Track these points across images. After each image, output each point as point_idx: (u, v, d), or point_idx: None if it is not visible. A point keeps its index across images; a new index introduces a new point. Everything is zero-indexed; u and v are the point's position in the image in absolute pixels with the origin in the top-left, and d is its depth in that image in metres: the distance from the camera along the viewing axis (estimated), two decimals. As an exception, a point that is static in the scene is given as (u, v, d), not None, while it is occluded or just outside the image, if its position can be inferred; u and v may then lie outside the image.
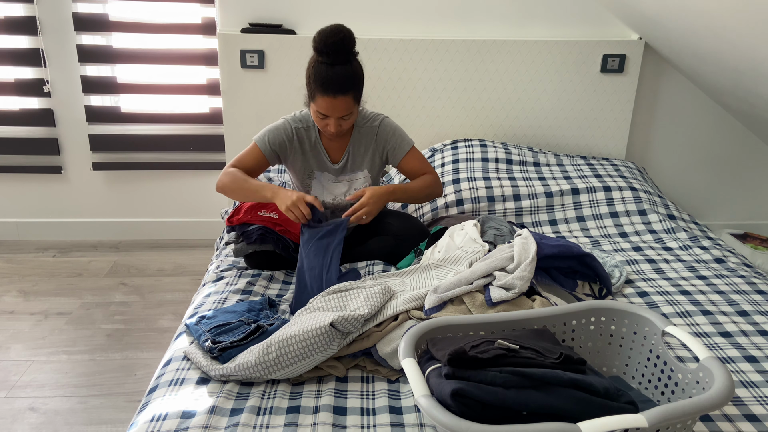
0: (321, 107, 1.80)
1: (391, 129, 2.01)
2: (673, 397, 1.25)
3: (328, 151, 2.01)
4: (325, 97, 1.77)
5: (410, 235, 1.99)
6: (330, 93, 1.76)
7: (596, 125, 2.94)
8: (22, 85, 2.89)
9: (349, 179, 2.04)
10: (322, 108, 1.80)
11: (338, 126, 1.85)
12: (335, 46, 1.74)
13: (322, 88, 1.76)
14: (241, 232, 1.95)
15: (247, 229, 1.94)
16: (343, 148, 2.01)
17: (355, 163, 2.02)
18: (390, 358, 1.39)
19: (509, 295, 1.45)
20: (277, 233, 1.92)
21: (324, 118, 1.84)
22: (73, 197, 3.13)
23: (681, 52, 2.56)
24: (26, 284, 2.71)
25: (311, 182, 2.03)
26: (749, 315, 1.69)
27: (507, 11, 2.82)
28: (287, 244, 1.93)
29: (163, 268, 2.89)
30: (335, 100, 1.77)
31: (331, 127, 1.85)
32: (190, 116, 2.97)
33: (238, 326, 1.49)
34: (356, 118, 1.93)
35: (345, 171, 2.03)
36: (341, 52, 1.76)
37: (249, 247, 1.93)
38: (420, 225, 2.06)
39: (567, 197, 2.45)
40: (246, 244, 1.93)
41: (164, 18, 2.82)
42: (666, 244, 2.22)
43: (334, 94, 1.76)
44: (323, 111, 1.81)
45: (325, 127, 1.87)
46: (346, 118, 1.84)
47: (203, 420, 1.22)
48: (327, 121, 1.84)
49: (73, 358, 2.19)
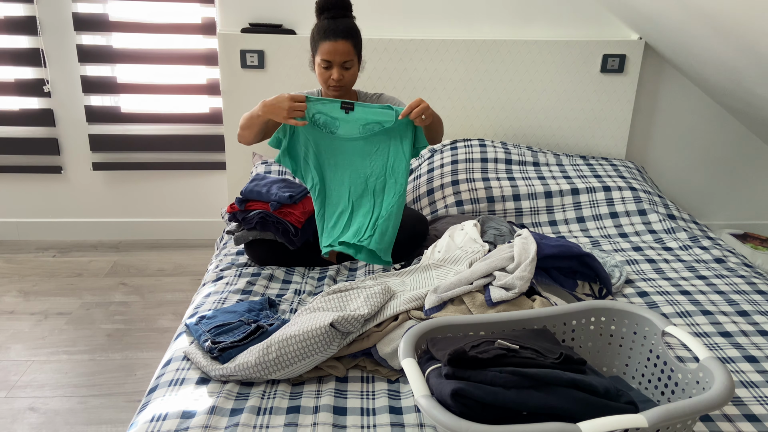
0: (324, 53, 1.91)
1: (391, 97, 2.13)
2: (673, 397, 1.25)
3: None
4: (327, 41, 1.89)
5: (407, 222, 2.01)
6: (332, 37, 1.89)
7: (596, 125, 2.94)
8: (22, 85, 2.89)
9: None
10: (325, 53, 1.90)
11: (340, 76, 1.93)
12: (336, 2, 1.91)
13: (324, 35, 1.90)
14: (241, 218, 1.97)
15: (247, 215, 1.95)
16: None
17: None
18: (390, 358, 1.39)
19: (509, 295, 1.45)
20: (277, 217, 1.93)
21: (327, 68, 1.93)
22: (73, 197, 3.13)
23: (681, 52, 2.56)
24: (26, 284, 2.72)
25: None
26: (749, 315, 1.69)
27: (507, 11, 2.82)
28: (287, 227, 1.93)
29: (163, 268, 2.89)
30: (337, 43, 1.89)
31: (335, 74, 1.93)
32: (190, 116, 2.97)
33: (238, 326, 1.49)
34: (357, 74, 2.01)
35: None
36: (341, 8, 1.92)
37: (249, 233, 1.94)
38: (417, 213, 2.10)
39: (567, 197, 2.45)
40: (246, 231, 1.94)
41: (164, 18, 2.82)
42: (666, 244, 2.22)
43: (335, 38, 1.89)
44: (326, 56, 1.91)
45: (329, 79, 1.95)
46: (347, 66, 1.94)
47: (203, 420, 1.22)
48: (330, 71, 1.93)
49: (73, 358, 2.19)
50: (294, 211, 1.96)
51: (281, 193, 1.97)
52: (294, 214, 1.95)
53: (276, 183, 2.04)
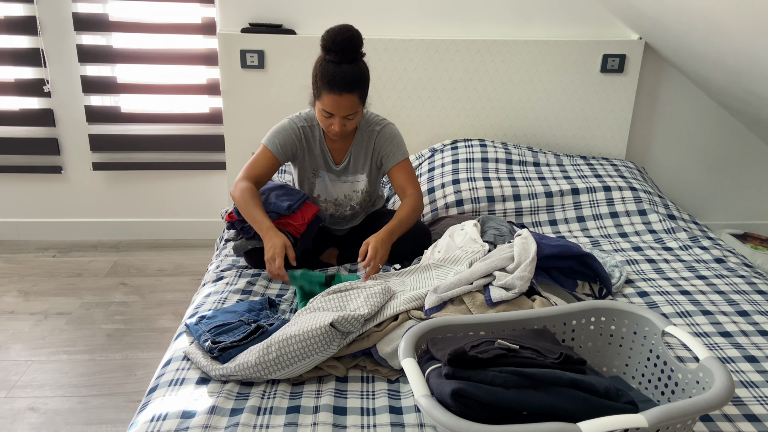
0: (326, 105, 1.80)
1: (390, 136, 2.00)
2: (673, 397, 1.25)
3: (331, 152, 2.01)
4: (331, 94, 1.77)
5: (410, 234, 1.99)
6: (336, 91, 1.76)
7: (596, 125, 2.94)
8: (22, 85, 2.89)
9: (350, 181, 2.04)
10: (328, 106, 1.80)
11: (342, 126, 1.84)
12: (343, 44, 1.75)
13: (328, 86, 1.76)
14: (240, 227, 1.96)
15: (246, 225, 1.94)
16: (346, 150, 2.01)
17: (356, 166, 2.03)
18: (390, 358, 1.39)
19: (509, 295, 1.45)
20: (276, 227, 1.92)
21: (329, 117, 1.83)
22: (73, 197, 3.13)
23: (681, 52, 2.56)
24: (26, 284, 2.72)
25: (316, 181, 2.03)
26: (749, 315, 1.69)
27: (507, 11, 2.82)
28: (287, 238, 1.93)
29: (163, 268, 2.89)
30: (341, 98, 1.77)
31: (336, 126, 1.83)
32: (190, 116, 2.97)
33: (238, 326, 1.49)
34: (360, 120, 1.93)
35: (346, 173, 2.03)
36: (349, 51, 1.76)
37: (248, 243, 1.93)
38: (422, 226, 2.06)
39: (567, 197, 2.45)
40: (245, 240, 1.93)
41: (164, 18, 2.82)
42: (666, 244, 2.22)
43: (340, 91, 1.76)
44: (329, 109, 1.80)
45: (330, 127, 1.85)
46: (350, 117, 1.84)
47: (203, 420, 1.22)
48: (332, 120, 1.83)
49: (73, 358, 2.19)
50: (293, 222, 1.93)
51: (279, 203, 1.93)
52: (292, 225, 1.93)
53: (274, 190, 2.01)
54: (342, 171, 2.02)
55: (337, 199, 2.05)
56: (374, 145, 2.00)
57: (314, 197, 2.06)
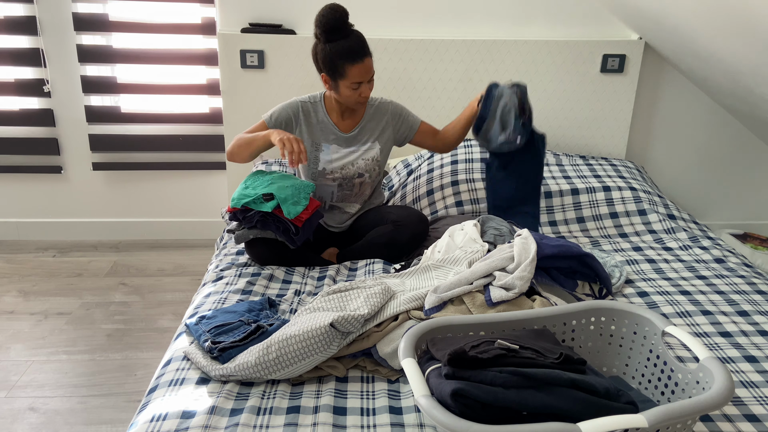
0: (355, 76, 1.93)
1: (401, 107, 2.19)
2: (673, 397, 1.25)
3: (338, 126, 2.11)
4: (355, 64, 1.91)
5: (409, 221, 2.03)
6: (359, 59, 1.91)
7: (596, 125, 2.94)
8: (22, 85, 2.89)
9: (360, 149, 2.11)
10: (357, 76, 1.93)
11: (370, 89, 1.99)
12: (338, 22, 1.90)
13: (350, 59, 1.90)
14: (242, 217, 1.97)
15: (248, 214, 1.95)
16: (354, 124, 2.11)
17: (367, 135, 2.12)
18: (390, 358, 1.39)
19: (509, 295, 1.45)
20: (277, 216, 1.93)
21: (357, 88, 1.96)
22: (73, 197, 3.13)
23: (681, 52, 2.56)
24: (26, 284, 2.72)
25: (319, 154, 2.10)
26: (749, 315, 1.69)
27: (507, 11, 2.82)
28: (288, 226, 1.93)
29: (163, 268, 2.89)
30: (364, 63, 1.92)
31: (366, 90, 1.98)
32: (190, 116, 2.97)
33: (238, 326, 1.49)
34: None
35: (356, 142, 2.11)
36: (346, 25, 1.92)
37: (250, 232, 1.94)
38: (418, 213, 2.10)
39: (567, 197, 2.45)
40: (247, 229, 1.94)
41: (164, 18, 2.82)
42: (666, 244, 2.22)
43: (362, 58, 1.92)
44: (358, 78, 1.93)
45: (361, 95, 1.98)
46: (373, 79, 2.00)
47: (203, 420, 1.22)
48: (360, 88, 1.97)
49: (73, 358, 2.19)
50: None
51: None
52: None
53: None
54: (351, 139, 2.11)
55: (344, 167, 2.10)
56: (392, 116, 2.15)
57: (319, 171, 2.10)
